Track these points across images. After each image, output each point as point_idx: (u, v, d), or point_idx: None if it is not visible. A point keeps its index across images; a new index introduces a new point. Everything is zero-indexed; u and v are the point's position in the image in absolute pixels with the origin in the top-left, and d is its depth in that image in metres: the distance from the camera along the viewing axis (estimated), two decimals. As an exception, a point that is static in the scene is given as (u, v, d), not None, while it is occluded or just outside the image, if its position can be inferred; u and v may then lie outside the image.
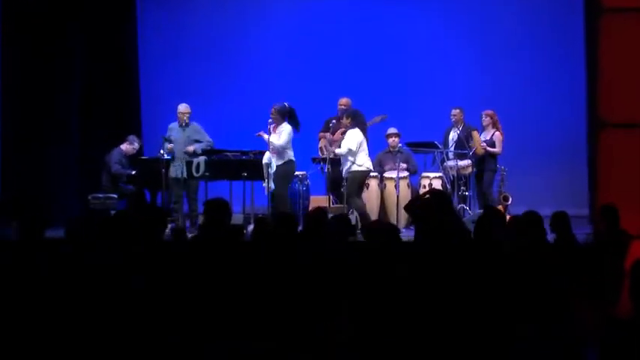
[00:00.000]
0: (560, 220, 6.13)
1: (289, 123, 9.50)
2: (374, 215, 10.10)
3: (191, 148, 10.00)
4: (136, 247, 4.89)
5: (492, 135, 10.46)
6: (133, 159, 10.78)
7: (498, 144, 10.45)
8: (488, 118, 10.40)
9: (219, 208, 5.73)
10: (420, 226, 5.70)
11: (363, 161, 9.53)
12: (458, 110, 10.54)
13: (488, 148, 10.37)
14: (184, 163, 9.89)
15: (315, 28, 12.40)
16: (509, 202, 10.11)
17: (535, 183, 11.68)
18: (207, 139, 10.14)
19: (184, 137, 10.08)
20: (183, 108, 10.16)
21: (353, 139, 9.41)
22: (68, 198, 10.91)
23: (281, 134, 9.44)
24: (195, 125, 10.17)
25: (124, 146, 10.73)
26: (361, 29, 12.39)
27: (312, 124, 10.55)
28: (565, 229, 6.13)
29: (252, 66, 12.44)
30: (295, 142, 9.71)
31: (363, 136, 9.50)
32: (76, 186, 11.06)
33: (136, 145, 10.78)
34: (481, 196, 10.45)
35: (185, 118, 10.06)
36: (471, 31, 12.28)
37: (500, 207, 9.95)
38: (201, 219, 7.81)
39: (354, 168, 9.49)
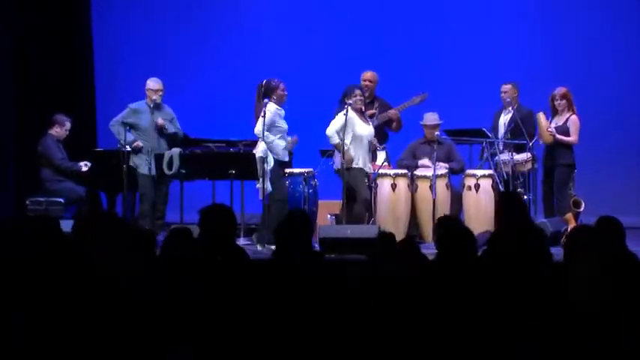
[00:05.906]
0: None
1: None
2: (402, 226, 9.01)
3: (161, 121, 9.05)
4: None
5: (567, 119, 9.06)
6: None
7: (574, 130, 9.02)
8: (564, 101, 8.98)
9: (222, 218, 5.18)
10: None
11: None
12: (509, 86, 9.23)
13: (558, 136, 8.97)
14: (153, 157, 9.00)
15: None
16: (582, 209, 9.06)
17: (615, 184, 10.85)
18: (179, 128, 9.38)
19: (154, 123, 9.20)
20: (153, 84, 9.23)
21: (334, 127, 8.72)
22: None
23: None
24: (167, 109, 9.30)
25: (55, 131, 9.69)
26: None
27: (321, 108, 9.59)
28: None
29: (241, 31, 11.62)
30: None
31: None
32: (12, 186, 10.42)
33: (68, 125, 9.71)
34: (549, 200, 9.21)
35: (156, 97, 9.14)
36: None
37: (569, 215, 9.01)
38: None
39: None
